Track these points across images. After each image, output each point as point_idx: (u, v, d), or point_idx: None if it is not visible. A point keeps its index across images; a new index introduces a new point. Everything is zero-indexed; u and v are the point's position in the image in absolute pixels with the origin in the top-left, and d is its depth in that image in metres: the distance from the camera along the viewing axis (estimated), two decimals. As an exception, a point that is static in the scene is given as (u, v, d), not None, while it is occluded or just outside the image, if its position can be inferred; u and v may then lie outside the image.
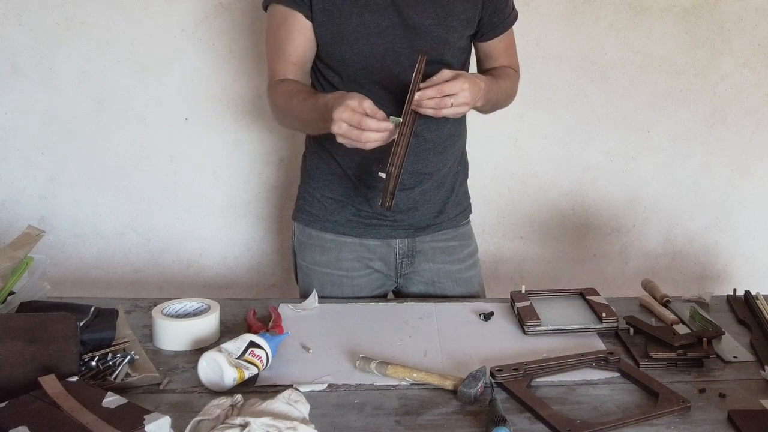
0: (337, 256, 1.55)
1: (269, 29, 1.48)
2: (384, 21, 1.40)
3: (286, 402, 0.97)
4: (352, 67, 1.43)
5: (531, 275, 2.22)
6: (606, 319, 1.33)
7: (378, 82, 1.43)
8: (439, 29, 1.43)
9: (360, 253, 1.55)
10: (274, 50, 1.47)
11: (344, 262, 1.54)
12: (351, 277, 1.54)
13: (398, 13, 1.40)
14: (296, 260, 1.63)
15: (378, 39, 1.40)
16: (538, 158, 2.17)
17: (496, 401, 1.04)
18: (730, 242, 2.28)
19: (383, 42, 1.41)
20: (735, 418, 1.03)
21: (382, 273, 1.58)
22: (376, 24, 1.40)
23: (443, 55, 1.45)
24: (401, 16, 1.40)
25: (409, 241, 1.57)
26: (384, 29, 1.40)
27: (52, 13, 1.96)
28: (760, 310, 1.40)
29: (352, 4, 1.39)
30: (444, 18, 1.43)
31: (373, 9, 1.39)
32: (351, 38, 1.40)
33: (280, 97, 1.43)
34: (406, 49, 1.42)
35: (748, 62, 2.15)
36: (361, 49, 1.41)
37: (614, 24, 2.09)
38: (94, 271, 2.13)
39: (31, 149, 2.05)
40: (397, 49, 1.42)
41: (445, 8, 1.43)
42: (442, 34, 1.43)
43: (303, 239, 1.59)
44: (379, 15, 1.39)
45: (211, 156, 2.09)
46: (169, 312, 1.28)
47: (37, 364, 1.02)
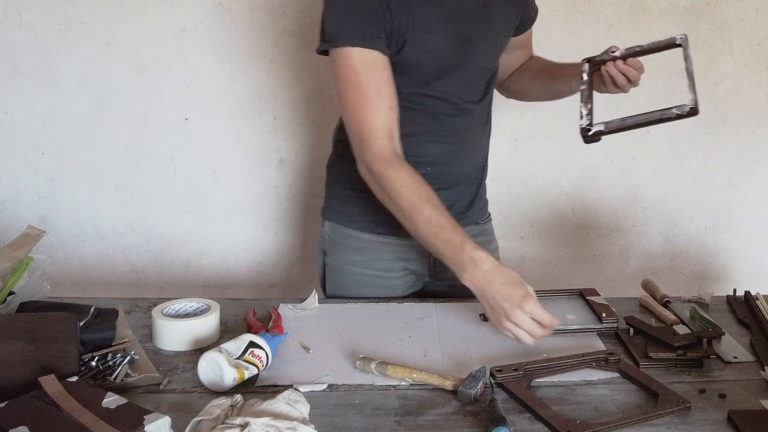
0: (372, 256, 1.53)
1: (345, 83, 1.33)
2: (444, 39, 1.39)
3: (286, 402, 0.97)
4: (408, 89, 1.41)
5: (531, 275, 2.22)
6: (606, 320, 1.33)
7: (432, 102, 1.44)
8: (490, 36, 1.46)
9: (397, 254, 1.54)
10: (364, 101, 1.32)
11: (380, 262, 1.53)
12: (385, 278, 1.54)
13: (459, 28, 1.40)
14: (325, 260, 1.61)
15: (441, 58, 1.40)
16: (538, 158, 2.17)
17: (496, 401, 1.04)
18: (730, 242, 2.28)
19: (444, 60, 1.40)
20: (735, 419, 1.03)
21: (416, 273, 1.57)
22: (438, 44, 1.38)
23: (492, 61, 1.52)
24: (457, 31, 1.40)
25: None
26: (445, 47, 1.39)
27: (52, 13, 1.96)
28: (760, 310, 1.40)
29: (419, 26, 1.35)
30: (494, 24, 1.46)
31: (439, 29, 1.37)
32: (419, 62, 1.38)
33: (404, 191, 1.30)
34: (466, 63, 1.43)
35: (748, 62, 2.15)
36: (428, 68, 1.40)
37: (614, 24, 2.09)
38: (94, 271, 2.13)
39: (31, 149, 2.05)
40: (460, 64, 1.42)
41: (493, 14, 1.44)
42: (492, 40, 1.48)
43: (336, 239, 1.57)
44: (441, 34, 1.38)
45: (211, 156, 2.09)
46: (169, 312, 1.28)
47: (37, 364, 1.02)
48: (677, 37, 1.38)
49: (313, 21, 2.01)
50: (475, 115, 1.51)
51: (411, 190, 1.30)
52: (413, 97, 1.43)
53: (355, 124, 1.34)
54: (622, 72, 1.43)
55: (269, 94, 2.06)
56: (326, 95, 2.06)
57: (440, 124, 1.46)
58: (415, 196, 1.29)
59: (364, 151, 1.34)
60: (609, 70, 1.43)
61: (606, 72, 1.44)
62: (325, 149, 2.10)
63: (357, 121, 1.34)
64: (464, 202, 1.57)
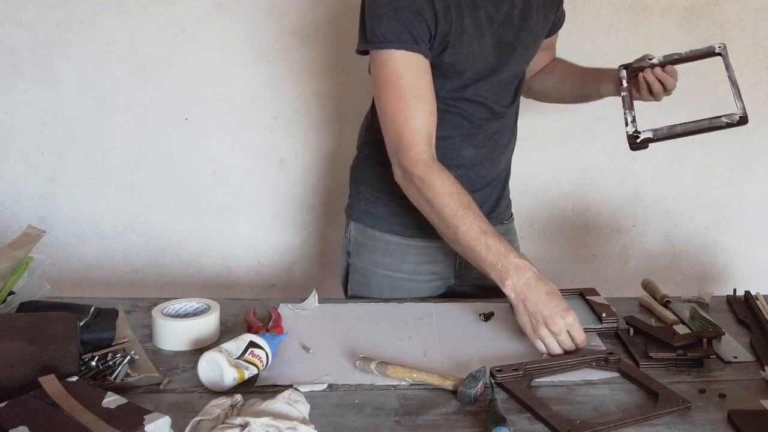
0: (400, 259, 1.53)
1: (388, 80, 1.31)
2: (486, 45, 1.40)
3: (286, 402, 0.97)
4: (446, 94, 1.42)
5: (531, 275, 2.22)
6: (606, 319, 1.33)
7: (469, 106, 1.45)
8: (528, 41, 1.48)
9: (424, 257, 1.54)
10: (406, 105, 1.31)
11: (407, 265, 1.53)
12: (412, 281, 1.54)
13: (496, 34, 1.41)
14: (349, 261, 1.60)
15: (482, 63, 1.41)
16: (538, 158, 2.17)
17: (496, 401, 1.04)
18: (730, 242, 2.28)
19: (485, 65, 1.41)
20: (735, 419, 1.03)
21: (442, 275, 1.57)
22: (481, 49, 1.39)
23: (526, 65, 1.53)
24: (498, 36, 1.41)
25: None
26: (487, 53, 1.41)
27: (52, 13, 1.96)
28: (760, 310, 1.40)
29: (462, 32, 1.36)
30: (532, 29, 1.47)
31: (478, 35, 1.38)
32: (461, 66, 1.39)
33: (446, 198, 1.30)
34: (504, 68, 1.44)
35: (748, 62, 2.15)
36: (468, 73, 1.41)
37: (614, 24, 2.09)
38: (94, 271, 2.13)
39: (31, 149, 2.05)
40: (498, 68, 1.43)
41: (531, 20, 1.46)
42: (529, 45, 1.49)
43: (363, 240, 1.56)
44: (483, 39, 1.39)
45: (211, 156, 2.09)
46: (169, 312, 1.28)
47: (37, 364, 1.02)
48: (716, 46, 1.39)
49: (313, 21, 2.01)
50: (507, 119, 1.53)
51: (453, 197, 1.30)
52: (451, 101, 1.43)
53: (394, 127, 1.33)
54: (660, 79, 1.45)
55: (269, 94, 2.06)
56: (326, 95, 2.07)
57: (476, 127, 1.47)
58: (457, 202, 1.29)
59: (402, 156, 1.33)
60: (647, 77, 1.45)
61: (643, 79, 1.45)
62: (325, 149, 2.11)
63: (396, 125, 1.33)
64: (491, 202, 1.58)
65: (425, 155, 1.32)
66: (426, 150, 1.32)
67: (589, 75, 1.63)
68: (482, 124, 1.48)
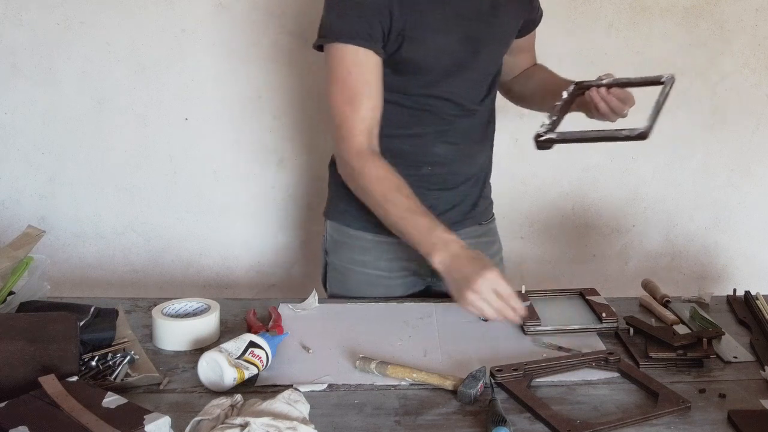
0: (375, 256, 1.53)
1: (334, 76, 1.36)
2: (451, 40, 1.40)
3: (286, 402, 0.97)
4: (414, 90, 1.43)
5: (531, 275, 2.21)
6: (606, 319, 1.33)
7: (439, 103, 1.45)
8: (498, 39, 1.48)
9: (397, 254, 1.54)
10: (350, 99, 1.35)
11: (382, 263, 1.53)
12: (387, 278, 1.54)
13: (463, 30, 1.40)
14: (327, 259, 1.61)
15: (447, 58, 1.40)
16: (538, 158, 2.16)
17: (496, 401, 1.04)
18: (730, 242, 2.28)
19: (451, 61, 1.41)
20: (735, 418, 1.03)
21: (417, 273, 1.57)
22: (444, 44, 1.39)
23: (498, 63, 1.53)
24: (465, 33, 1.40)
25: None
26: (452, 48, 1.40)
27: (52, 13, 1.96)
28: (760, 310, 1.40)
29: (422, 27, 1.36)
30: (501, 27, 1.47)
31: (441, 29, 1.38)
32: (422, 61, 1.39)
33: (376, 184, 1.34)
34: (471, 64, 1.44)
35: (748, 62, 2.15)
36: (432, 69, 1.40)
37: (614, 24, 2.09)
38: (94, 271, 2.13)
39: (31, 149, 2.05)
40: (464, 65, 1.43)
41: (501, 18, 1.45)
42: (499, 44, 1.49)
43: (339, 238, 1.57)
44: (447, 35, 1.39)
45: (211, 156, 2.09)
46: (169, 312, 1.28)
47: (37, 364, 1.02)
48: (664, 76, 1.41)
49: (313, 21, 2.01)
50: (480, 116, 1.52)
51: (382, 181, 1.33)
52: (421, 98, 1.44)
53: (338, 120, 1.37)
54: (605, 100, 1.42)
55: (269, 94, 2.06)
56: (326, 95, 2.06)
57: (447, 124, 1.47)
58: (385, 186, 1.33)
59: (341, 147, 1.38)
60: (591, 95, 1.43)
61: (588, 96, 1.44)
62: (324, 149, 2.10)
63: (339, 118, 1.36)
64: (469, 202, 1.57)
65: (362, 146, 1.35)
66: (363, 142, 1.35)
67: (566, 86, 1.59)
68: (453, 121, 1.47)
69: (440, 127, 1.47)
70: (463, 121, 1.49)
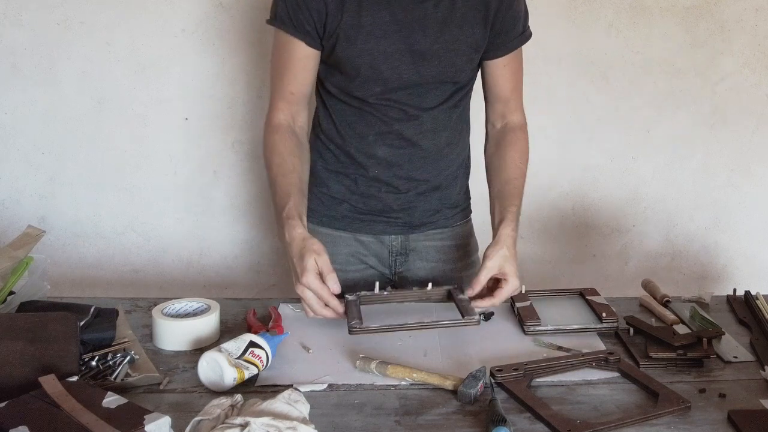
0: (331, 251, 1.52)
1: (273, 52, 1.48)
2: (390, 47, 1.39)
3: (286, 402, 0.97)
4: (355, 88, 1.44)
5: (531, 275, 2.21)
6: (606, 319, 1.33)
7: (381, 106, 1.45)
8: (447, 53, 1.42)
9: (354, 248, 1.56)
10: (274, 75, 1.48)
11: (339, 257, 1.54)
12: (345, 272, 1.54)
13: (404, 39, 1.39)
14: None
15: (383, 64, 1.40)
16: (538, 158, 2.16)
17: (496, 401, 1.04)
18: (730, 242, 2.28)
19: (388, 67, 1.40)
20: (735, 418, 1.03)
21: (377, 270, 1.58)
22: (381, 50, 1.39)
23: (452, 77, 1.46)
24: (407, 42, 1.39)
25: (403, 239, 1.58)
26: (390, 55, 1.39)
27: (52, 13, 1.96)
28: (760, 310, 1.40)
29: (358, 28, 1.37)
30: (451, 42, 1.41)
31: (378, 35, 1.38)
32: (355, 62, 1.40)
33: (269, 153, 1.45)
34: (412, 74, 1.42)
35: (748, 62, 2.15)
36: (365, 73, 1.40)
37: (614, 24, 2.09)
38: (94, 271, 2.13)
39: (31, 149, 2.05)
40: (403, 75, 1.41)
41: (452, 32, 1.41)
42: (449, 58, 1.43)
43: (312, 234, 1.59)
44: (385, 40, 1.39)
45: (211, 156, 2.09)
46: (169, 312, 1.28)
47: (37, 364, 1.02)
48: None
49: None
50: (427, 122, 1.49)
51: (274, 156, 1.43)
52: (361, 101, 1.45)
53: (270, 91, 1.49)
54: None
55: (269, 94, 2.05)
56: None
57: (388, 127, 1.47)
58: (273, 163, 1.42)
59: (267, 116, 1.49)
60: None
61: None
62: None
63: (271, 90, 1.49)
64: (426, 207, 1.56)
65: (277, 120, 1.46)
66: (281, 117, 1.46)
67: (495, 210, 1.47)
68: (395, 125, 1.47)
69: (381, 128, 1.47)
70: (407, 126, 1.47)
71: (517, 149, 1.56)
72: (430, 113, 1.48)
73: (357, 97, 1.46)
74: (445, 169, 1.55)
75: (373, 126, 1.48)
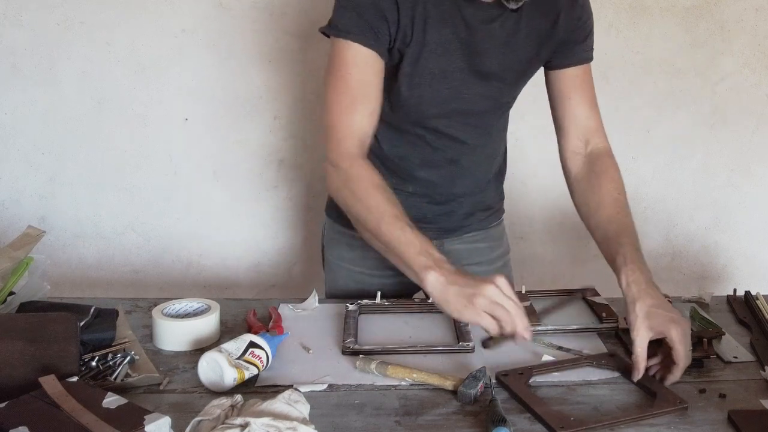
0: (363, 255, 1.51)
1: (337, 70, 1.28)
2: (451, 65, 1.32)
3: (286, 402, 0.97)
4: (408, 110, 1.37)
5: (531, 275, 2.21)
6: (606, 320, 1.33)
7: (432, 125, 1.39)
8: (509, 75, 1.37)
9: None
10: (347, 100, 1.29)
11: (369, 261, 1.51)
12: (374, 276, 1.52)
13: (467, 58, 1.32)
14: (324, 255, 1.62)
15: (442, 84, 1.33)
16: (538, 158, 2.17)
17: (496, 401, 1.04)
18: (730, 242, 2.28)
19: (447, 87, 1.34)
20: (735, 419, 1.03)
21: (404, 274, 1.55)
22: (441, 68, 1.32)
23: (511, 97, 1.42)
24: (470, 61, 1.33)
25: (437, 243, 1.46)
26: (450, 73, 1.33)
27: (52, 13, 1.96)
28: (760, 310, 1.40)
29: (422, 45, 1.29)
30: (516, 63, 1.36)
31: (440, 53, 1.31)
32: (415, 81, 1.32)
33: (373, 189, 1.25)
34: (472, 95, 1.36)
35: (748, 62, 2.15)
36: (423, 93, 1.34)
37: (614, 24, 2.09)
38: (94, 271, 2.13)
39: (31, 149, 2.05)
40: (463, 95, 1.35)
41: (517, 53, 1.34)
42: (511, 79, 1.38)
43: (332, 235, 1.58)
44: (446, 59, 1.31)
45: (211, 156, 2.09)
46: (169, 312, 1.28)
47: (38, 365, 1.02)
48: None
49: (314, 21, 2.01)
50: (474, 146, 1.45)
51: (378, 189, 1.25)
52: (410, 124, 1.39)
53: (331, 119, 1.31)
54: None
55: (269, 94, 2.06)
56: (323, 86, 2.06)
57: (434, 151, 1.43)
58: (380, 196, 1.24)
59: (332, 148, 1.31)
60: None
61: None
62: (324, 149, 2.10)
63: (333, 116, 1.30)
64: (459, 213, 1.53)
65: (354, 150, 1.29)
66: (355, 146, 1.29)
67: (613, 253, 1.35)
68: (440, 148, 1.42)
69: (426, 152, 1.42)
70: (450, 148, 1.42)
71: (609, 178, 1.41)
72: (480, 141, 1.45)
73: (407, 119, 1.38)
74: (482, 180, 1.52)
75: (417, 149, 1.42)
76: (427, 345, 1.25)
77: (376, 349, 1.23)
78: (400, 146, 1.42)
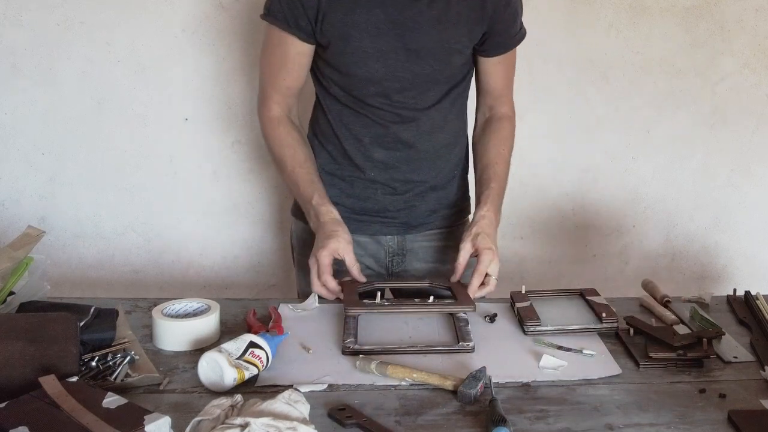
0: None
1: (265, 47, 1.50)
2: (385, 45, 1.39)
3: (286, 402, 0.97)
4: (351, 88, 1.45)
5: (531, 275, 2.22)
6: (606, 320, 1.33)
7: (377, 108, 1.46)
8: (442, 52, 1.43)
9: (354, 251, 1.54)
10: (267, 69, 1.50)
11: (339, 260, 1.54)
12: (343, 272, 1.53)
13: (399, 37, 1.40)
14: (294, 255, 1.65)
15: (377, 63, 1.40)
16: (538, 158, 2.17)
17: (496, 401, 1.04)
18: (730, 242, 2.28)
19: (383, 66, 1.41)
20: (735, 418, 1.03)
21: (374, 270, 1.58)
22: (376, 48, 1.39)
23: (447, 75, 1.47)
24: (402, 40, 1.40)
25: (399, 239, 1.58)
26: (384, 53, 1.40)
27: (52, 13, 1.96)
28: (760, 310, 1.40)
29: (352, 26, 1.38)
30: (447, 41, 1.42)
31: (373, 33, 1.38)
32: (349, 60, 1.41)
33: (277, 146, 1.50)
34: (407, 73, 1.42)
35: (748, 62, 2.15)
36: (359, 72, 1.41)
37: (614, 24, 2.09)
38: (94, 271, 2.13)
39: (31, 149, 2.05)
40: (398, 73, 1.42)
41: (447, 31, 1.41)
42: (444, 56, 1.43)
43: (300, 234, 1.60)
44: (380, 38, 1.39)
45: (211, 156, 2.09)
46: (169, 312, 1.28)
47: (37, 365, 1.02)
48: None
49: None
50: (424, 122, 1.49)
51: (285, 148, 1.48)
52: (358, 100, 1.46)
53: (261, 84, 1.52)
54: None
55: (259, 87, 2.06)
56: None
57: (385, 129, 1.48)
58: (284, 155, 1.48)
59: (260, 112, 1.53)
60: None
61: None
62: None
63: (262, 83, 1.52)
64: (424, 208, 1.57)
65: (274, 113, 1.50)
66: (277, 109, 1.50)
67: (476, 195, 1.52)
68: (391, 127, 1.48)
69: (378, 131, 1.49)
70: (403, 128, 1.48)
71: (499, 136, 1.57)
72: (427, 114, 1.48)
73: (353, 97, 1.46)
74: (442, 169, 1.56)
75: (369, 128, 1.48)
76: (427, 345, 1.25)
77: (376, 349, 1.23)
78: (351, 125, 1.50)
